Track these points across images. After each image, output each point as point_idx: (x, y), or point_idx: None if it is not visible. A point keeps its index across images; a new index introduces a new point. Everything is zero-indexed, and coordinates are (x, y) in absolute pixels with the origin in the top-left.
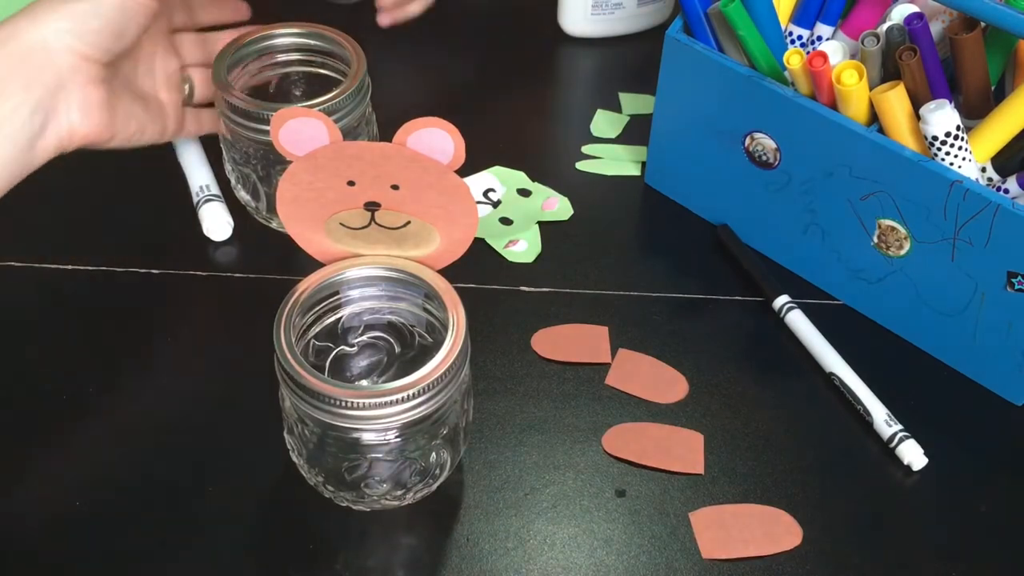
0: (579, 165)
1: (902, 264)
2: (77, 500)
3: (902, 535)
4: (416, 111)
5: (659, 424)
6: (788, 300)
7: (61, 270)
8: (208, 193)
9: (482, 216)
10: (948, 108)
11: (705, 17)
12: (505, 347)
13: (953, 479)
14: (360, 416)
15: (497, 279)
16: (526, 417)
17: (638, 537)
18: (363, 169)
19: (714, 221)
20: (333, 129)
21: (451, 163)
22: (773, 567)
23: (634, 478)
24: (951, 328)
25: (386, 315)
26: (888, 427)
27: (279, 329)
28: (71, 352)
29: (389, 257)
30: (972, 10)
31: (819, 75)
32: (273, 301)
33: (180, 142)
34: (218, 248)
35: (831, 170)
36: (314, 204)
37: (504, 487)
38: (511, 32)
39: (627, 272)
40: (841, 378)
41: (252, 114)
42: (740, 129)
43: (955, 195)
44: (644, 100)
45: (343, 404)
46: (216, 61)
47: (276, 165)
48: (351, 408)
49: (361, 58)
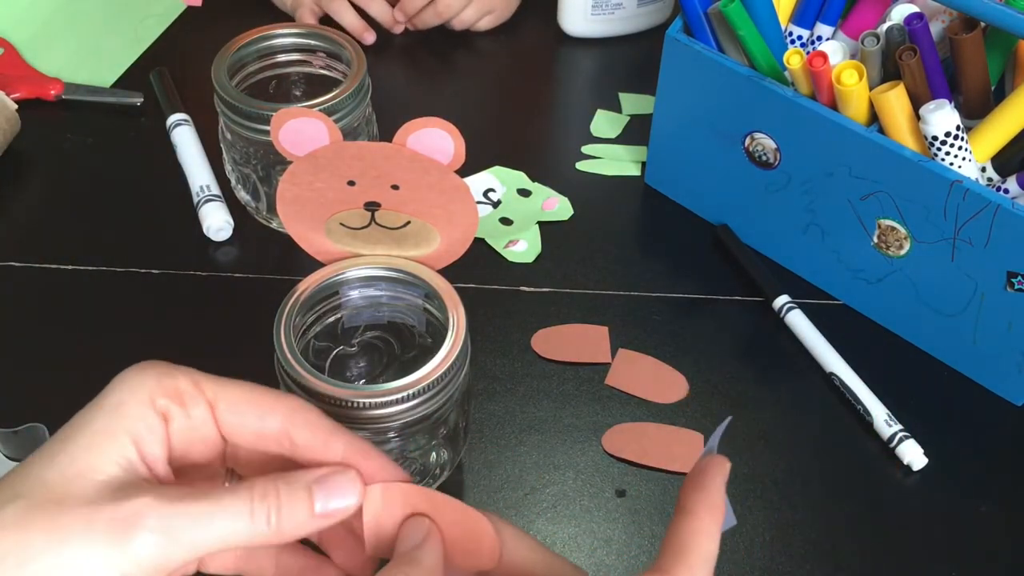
0: (579, 165)
1: (902, 264)
2: None
3: (902, 535)
4: (416, 111)
5: (659, 424)
6: (788, 300)
7: (61, 270)
8: (208, 193)
9: (482, 216)
10: (948, 108)
11: (705, 17)
12: (505, 347)
13: (953, 479)
14: (360, 416)
15: (497, 279)
16: (526, 417)
17: (638, 537)
18: (363, 169)
19: (714, 221)
20: (333, 129)
21: (451, 163)
22: (772, 567)
23: (634, 478)
24: (951, 328)
25: (386, 315)
26: (888, 427)
27: (279, 329)
28: (71, 352)
29: (389, 257)
30: (972, 10)
31: (819, 75)
32: (273, 301)
33: (180, 142)
34: (218, 248)
35: (831, 170)
36: (314, 204)
37: (504, 487)
38: (511, 32)
39: (627, 272)
40: (841, 378)
41: (252, 114)
42: (740, 129)
43: (955, 195)
44: (644, 100)
45: (343, 404)
46: (216, 61)
47: (276, 165)
48: (351, 408)
49: (361, 58)
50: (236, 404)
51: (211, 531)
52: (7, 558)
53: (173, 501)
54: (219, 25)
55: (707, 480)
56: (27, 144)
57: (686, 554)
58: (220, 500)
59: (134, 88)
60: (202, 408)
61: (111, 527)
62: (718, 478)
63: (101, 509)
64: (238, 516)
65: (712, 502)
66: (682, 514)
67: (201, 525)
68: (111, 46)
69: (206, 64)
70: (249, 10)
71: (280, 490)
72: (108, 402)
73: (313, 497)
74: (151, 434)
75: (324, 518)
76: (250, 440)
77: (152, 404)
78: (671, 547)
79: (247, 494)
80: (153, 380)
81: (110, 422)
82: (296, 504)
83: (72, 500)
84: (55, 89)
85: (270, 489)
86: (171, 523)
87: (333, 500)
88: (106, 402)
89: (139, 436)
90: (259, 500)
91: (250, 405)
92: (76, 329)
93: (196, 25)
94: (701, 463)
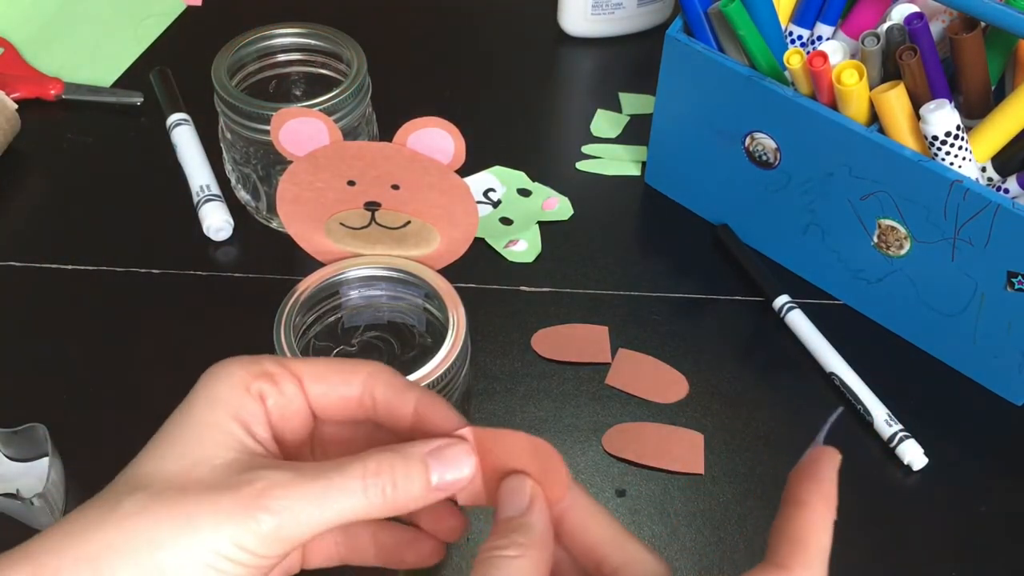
0: (579, 165)
1: (902, 264)
2: (76, 500)
3: (902, 535)
4: (416, 111)
5: (659, 424)
6: (788, 300)
7: (61, 270)
8: (208, 193)
9: (482, 216)
10: (948, 108)
11: (705, 17)
12: (505, 347)
13: (953, 479)
14: None
15: (497, 279)
16: (526, 417)
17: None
18: (363, 169)
19: (714, 221)
20: (333, 129)
21: (451, 163)
22: None
23: (634, 478)
24: (951, 328)
25: (386, 315)
26: (888, 427)
27: (279, 329)
28: (71, 352)
29: (389, 257)
30: (972, 10)
31: (819, 75)
32: (273, 301)
33: (180, 142)
34: (218, 248)
35: (831, 170)
36: (314, 204)
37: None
38: (511, 32)
39: (627, 272)
40: (841, 378)
41: (252, 114)
42: (740, 129)
43: (955, 195)
44: (644, 100)
45: None
46: (216, 61)
47: (276, 165)
48: None
49: (361, 58)
50: (321, 374)
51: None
52: (138, 546)
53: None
54: (219, 25)
55: (820, 471)
56: (27, 144)
57: (803, 547)
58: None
59: (134, 88)
60: (292, 383)
61: (235, 508)
62: (831, 469)
63: (224, 492)
64: (353, 492)
65: (825, 493)
66: (796, 506)
67: (319, 503)
68: (111, 46)
69: (206, 64)
70: (249, 10)
71: (396, 464)
72: (203, 396)
73: (429, 470)
74: (254, 417)
75: (439, 491)
76: (336, 407)
77: (247, 389)
78: (786, 540)
79: (360, 470)
80: (241, 368)
81: (213, 413)
82: (412, 477)
83: (194, 486)
84: (55, 89)
85: (384, 463)
86: (292, 503)
87: (449, 472)
88: (201, 397)
89: (246, 420)
90: (372, 475)
91: (333, 372)
92: (76, 329)
93: (196, 25)
94: (813, 454)
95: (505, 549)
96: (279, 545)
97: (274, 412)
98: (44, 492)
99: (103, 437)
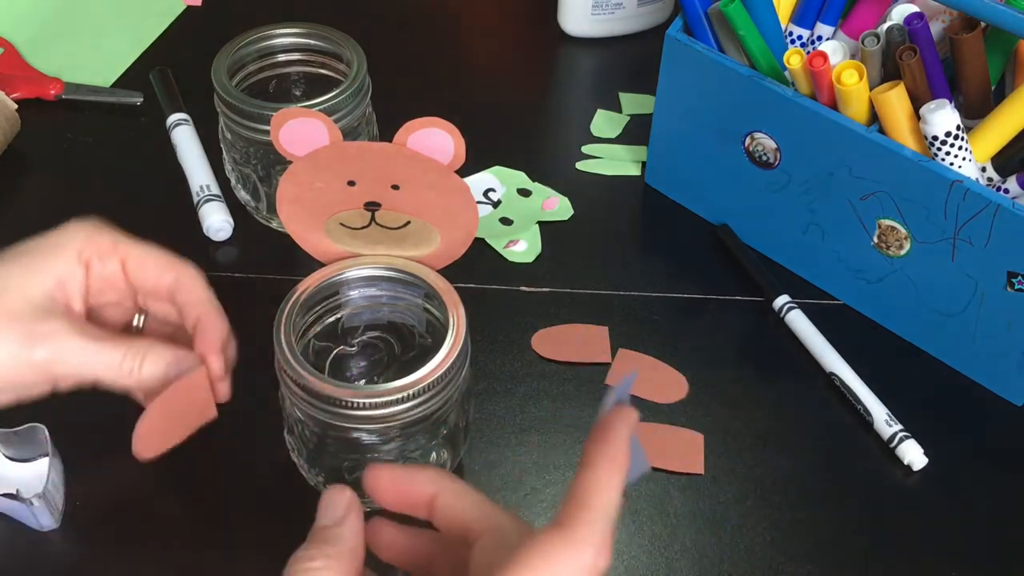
0: (579, 165)
1: (902, 264)
2: (76, 500)
3: (902, 535)
4: (416, 111)
5: (659, 424)
6: (788, 300)
7: None
8: (208, 193)
9: (482, 216)
10: (948, 108)
11: (705, 17)
12: (505, 347)
13: (953, 479)
14: (360, 416)
15: (497, 279)
16: (526, 417)
17: (638, 537)
18: (363, 169)
19: (714, 221)
20: (333, 129)
21: (451, 163)
22: (772, 567)
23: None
24: (951, 328)
25: (386, 315)
26: (888, 427)
27: (279, 329)
28: None
29: (389, 257)
30: (972, 10)
31: (819, 75)
32: (273, 301)
33: (180, 142)
34: (218, 248)
35: (831, 170)
36: (314, 204)
37: (504, 487)
38: (511, 32)
39: (627, 272)
40: (841, 378)
41: (252, 114)
42: (740, 129)
43: (955, 195)
44: (644, 100)
45: (343, 404)
46: (216, 61)
47: (276, 165)
48: (351, 408)
49: (361, 58)
50: (141, 261)
51: (89, 365)
52: None
53: (73, 333)
54: (219, 25)
55: (609, 432)
56: (27, 144)
57: (586, 506)
58: (104, 343)
59: (134, 88)
60: (115, 263)
61: (23, 336)
62: (622, 429)
63: (20, 321)
64: (113, 358)
65: (612, 453)
66: (582, 467)
67: (85, 357)
68: (111, 46)
69: (206, 64)
70: (249, 10)
71: (151, 350)
72: (49, 243)
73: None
74: (72, 278)
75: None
76: (149, 291)
77: (79, 256)
78: (571, 500)
79: (125, 346)
80: (84, 236)
81: (45, 260)
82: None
83: (2, 310)
84: (55, 89)
85: (144, 347)
86: (65, 348)
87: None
88: (48, 242)
89: (63, 278)
90: (132, 352)
91: (152, 264)
92: None
93: (196, 25)
94: (606, 416)
95: (312, 560)
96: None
97: (94, 281)
98: (44, 492)
99: (103, 437)
